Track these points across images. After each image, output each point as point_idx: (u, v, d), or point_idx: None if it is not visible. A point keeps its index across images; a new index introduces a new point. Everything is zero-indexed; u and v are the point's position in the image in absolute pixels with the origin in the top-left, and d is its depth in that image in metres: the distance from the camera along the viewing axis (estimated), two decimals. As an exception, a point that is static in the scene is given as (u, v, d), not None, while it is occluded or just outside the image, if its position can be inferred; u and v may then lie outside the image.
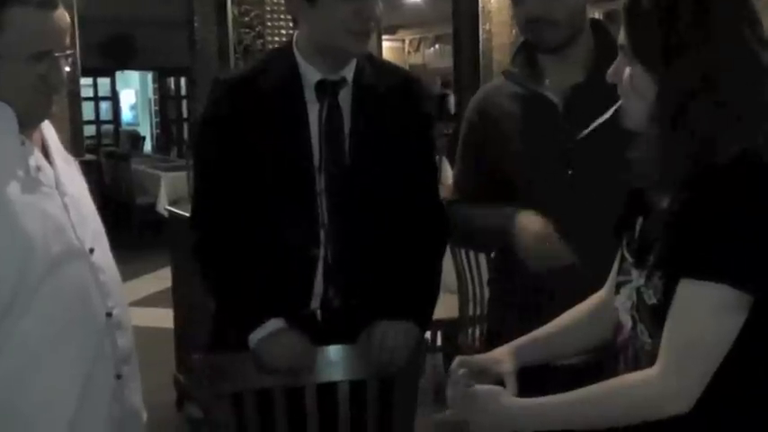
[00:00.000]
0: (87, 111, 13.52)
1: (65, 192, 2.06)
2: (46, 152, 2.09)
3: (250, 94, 2.34)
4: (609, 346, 1.82)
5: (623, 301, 1.72)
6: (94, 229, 2.13)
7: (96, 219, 2.18)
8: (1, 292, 1.90)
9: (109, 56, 15.22)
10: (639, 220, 1.73)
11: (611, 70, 1.69)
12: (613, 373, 1.70)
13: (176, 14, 5.15)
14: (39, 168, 2.01)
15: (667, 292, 1.56)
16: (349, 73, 2.38)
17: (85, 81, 12.98)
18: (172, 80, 17.13)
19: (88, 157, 10.03)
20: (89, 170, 9.71)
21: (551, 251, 2.21)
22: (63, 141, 2.19)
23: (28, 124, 2.03)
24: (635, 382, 1.59)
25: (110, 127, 17.02)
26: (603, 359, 1.89)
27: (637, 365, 1.66)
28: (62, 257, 1.98)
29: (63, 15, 2.01)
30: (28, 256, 1.91)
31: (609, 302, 1.81)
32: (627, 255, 1.74)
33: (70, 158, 2.21)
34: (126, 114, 18.27)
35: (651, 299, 1.62)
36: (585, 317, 1.90)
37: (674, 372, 1.53)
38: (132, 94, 18.61)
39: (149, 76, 17.76)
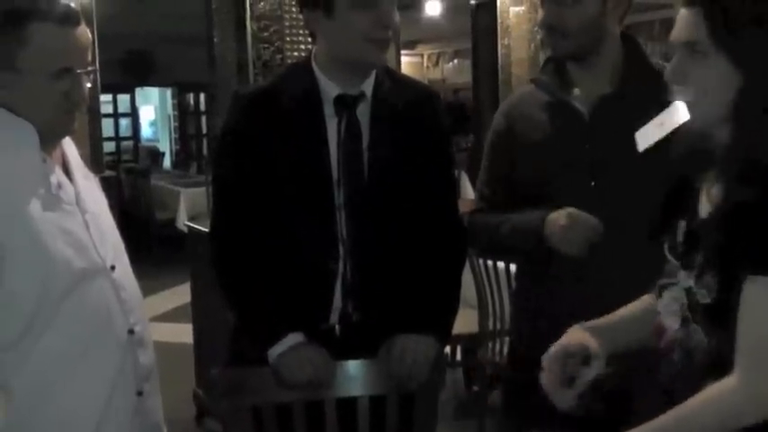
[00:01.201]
0: (107, 127, 13.62)
1: (86, 209, 2.06)
2: (67, 169, 2.10)
3: (269, 109, 2.34)
4: (642, 351, 1.81)
5: (667, 303, 1.71)
6: (115, 246, 2.14)
7: (116, 236, 2.19)
8: (23, 309, 1.91)
9: (128, 72, 15.31)
10: (681, 224, 1.72)
11: (670, 71, 1.66)
12: (648, 381, 1.69)
13: (195, 30, 5.16)
14: (60, 185, 2.02)
15: (722, 291, 1.55)
16: (368, 87, 2.37)
17: (105, 98, 13.08)
18: (191, 96, 17.22)
19: (108, 173, 10.08)
20: (109, 186, 9.77)
21: (583, 229, 2.22)
22: (83, 157, 2.20)
23: (49, 141, 2.04)
24: (719, 394, 1.55)
25: (129, 143, 17.12)
26: (625, 371, 1.88)
27: (689, 367, 1.64)
28: (84, 275, 1.99)
29: (84, 32, 2.01)
30: (49, 274, 1.92)
31: (652, 307, 1.79)
32: (670, 257, 1.74)
33: (90, 175, 2.21)
34: (145, 130, 18.37)
35: (705, 298, 1.61)
36: (639, 313, 1.88)
37: (754, 376, 1.51)
38: (152, 110, 18.71)
39: (168, 91, 17.85)
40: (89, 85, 2.05)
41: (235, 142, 2.39)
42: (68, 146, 2.15)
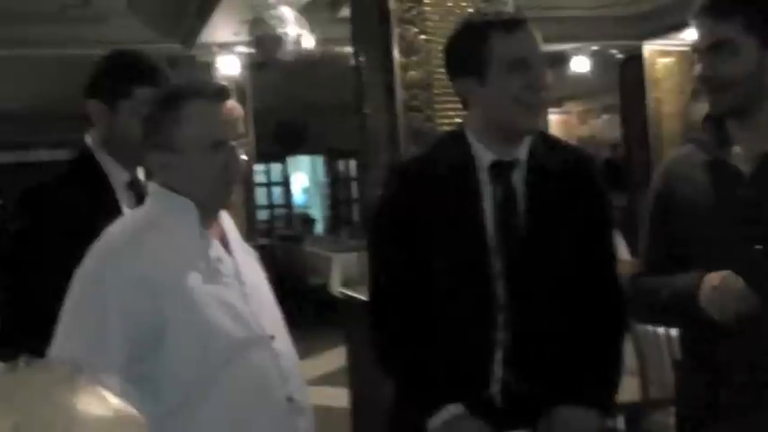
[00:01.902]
0: (260, 195, 13.98)
1: (244, 281, 2.12)
2: (225, 243, 2.15)
3: (425, 178, 2.34)
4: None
5: None
6: (274, 316, 2.19)
7: (275, 306, 2.23)
8: (183, 377, 1.95)
9: (281, 142, 15.75)
10: None
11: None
12: None
13: (346, 100, 5.27)
14: (219, 259, 2.08)
15: None
16: (522, 153, 2.34)
17: (259, 167, 13.44)
18: (342, 162, 17.53)
19: (262, 240, 10.33)
20: (263, 254, 9.97)
21: (732, 296, 2.12)
22: (238, 226, 2.26)
23: (208, 215, 2.10)
24: None
25: (282, 210, 17.52)
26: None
27: None
28: (243, 344, 2.03)
29: (234, 105, 2.10)
30: (209, 344, 1.97)
31: None
32: None
33: (248, 248, 2.27)
34: (298, 197, 18.77)
35: None
36: None
37: None
38: (304, 177, 19.13)
39: (320, 159, 18.24)
40: (244, 156, 2.11)
41: (392, 213, 2.40)
42: (226, 221, 2.21)
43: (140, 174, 2.63)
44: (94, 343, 1.91)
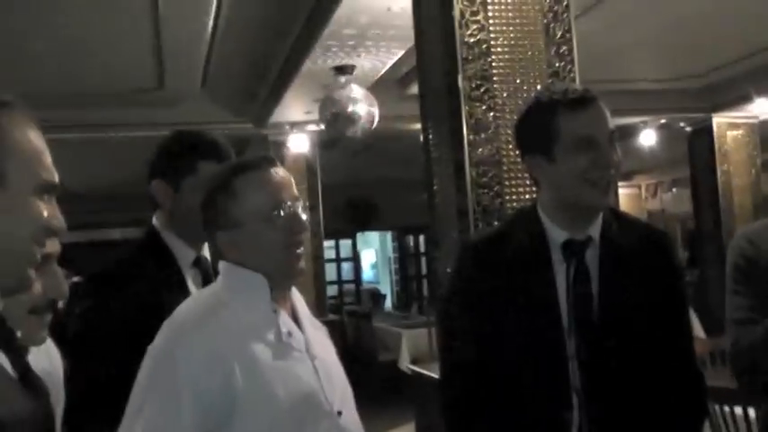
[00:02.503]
0: (330, 271, 14.04)
1: (314, 356, 2.13)
2: (295, 318, 2.18)
3: (497, 256, 2.34)
4: None
5: None
6: (343, 391, 2.18)
7: (345, 382, 2.23)
8: None
9: (350, 218, 15.87)
10: None
11: None
12: None
13: (415, 176, 5.31)
14: (290, 334, 2.10)
15: None
16: (595, 231, 2.33)
17: (328, 243, 13.54)
18: (411, 238, 17.57)
19: (331, 316, 10.35)
20: (332, 329, 9.95)
21: None
22: (307, 302, 2.28)
23: (280, 287, 2.13)
24: None
25: (351, 286, 17.56)
26: None
27: None
28: (311, 420, 2.03)
29: (282, 170, 2.16)
30: (277, 418, 1.98)
31: None
32: None
33: (319, 324, 2.29)
34: (367, 273, 18.83)
35: None
36: None
37: None
38: (372, 253, 19.20)
39: (389, 235, 18.30)
40: (305, 216, 2.14)
41: (464, 290, 2.39)
42: (297, 298, 2.24)
43: (206, 251, 2.66)
44: (166, 421, 1.92)
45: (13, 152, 1.40)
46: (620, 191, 15.52)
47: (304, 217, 2.14)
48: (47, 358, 2.04)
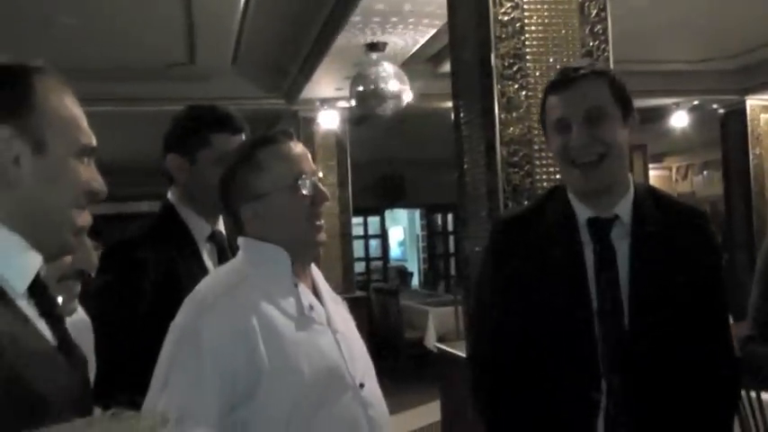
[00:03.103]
0: (358, 248, 14.07)
1: (336, 329, 2.15)
2: (316, 292, 2.19)
3: (527, 235, 2.33)
4: None
5: None
6: (365, 364, 2.19)
7: (365, 355, 2.24)
8: (276, 422, 1.98)
9: (379, 196, 15.88)
10: None
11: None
12: None
13: (445, 155, 5.29)
14: (311, 307, 2.11)
15: None
16: (623, 210, 2.29)
17: (356, 220, 13.56)
18: (439, 216, 17.56)
19: (358, 293, 10.37)
20: (359, 306, 10.03)
21: None
22: (335, 278, 2.30)
23: (301, 260, 2.15)
24: None
25: (379, 263, 17.58)
26: None
27: None
28: (333, 392, 2.05)
29: (299, 144, 2.19)
30: (301, 390, 1.99)
31: None
32: None
33: (338, 298, 2.30)
34: (394, 251, 18.84)
35: None
36: None
37: None
38: (400, 230, 19.21)
39: (417, 213, 18.30)
40: (323, 188, 2.17)
41: (495, 268, 2.39)
42: (316, 272, 2.25)
43: (221, 226, 2.71)
44: (190, 395, 1.94)
45: (51, 118, 1.41)
46: (651, 173, 15.42)
47: (324, 188, 2.17)
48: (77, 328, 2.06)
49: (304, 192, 2.12)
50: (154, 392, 1.97)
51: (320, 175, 2.20)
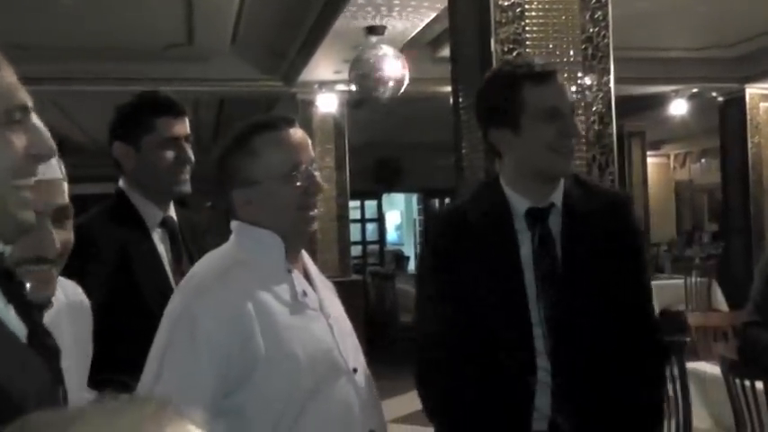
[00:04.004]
0: (354, 232, 14.08)
1: (328, 314, 2.15)
2: (308, 278, 2.19)
3: (462, 226, 2.41)
4: None
5: None
6: (355, 349, 2.20)
7: (355, 339, 2.24)
8: (273, 407, 1.98)
9: (376, 179, 15.89)
10: None
11: None
12: None
13: (442, 139, 5.28)
14: (304, 293, 2.11)
15: None
16: (557, 198, 2.39)
17: (353, 203, 13.56)
18: (437, 201, 17.57)
19: (354, 276, 10.38)
20: (355, 289, 10.06)
21: None
22: (331, 261, 2.31)
23: (293, 246, 2.14)
24: None
25: (375, 247, 17.60)
26: None
27: None
28: (328, 377, 2.06)
29: (300, 131, 2.16)
30: (296, 376, 2.00)
31: None
32: None
33: (328, 283, 2.30)
34: (391, 234, 18.86)
35: None
36: None
37: None
38: (397, 215, 19.23)
39: (414, 197, 18.32)
40: (317, 173, 2.15)
41: (432, 259, 2.47)
42: (306, 257, 2.25)
43: (172, 212, 2.78)
44: (184, 379, 1.94)
45: None
46: (649, 160, 15.42)
47: (319, 179, 2.15)
48: (74, 312, 2.04)
49: (298, 183, 2.09)
50: (148, 376, 1.98)
51: (317, 164, 2.18)
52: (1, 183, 1.23)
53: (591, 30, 3.70)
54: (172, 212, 2.78)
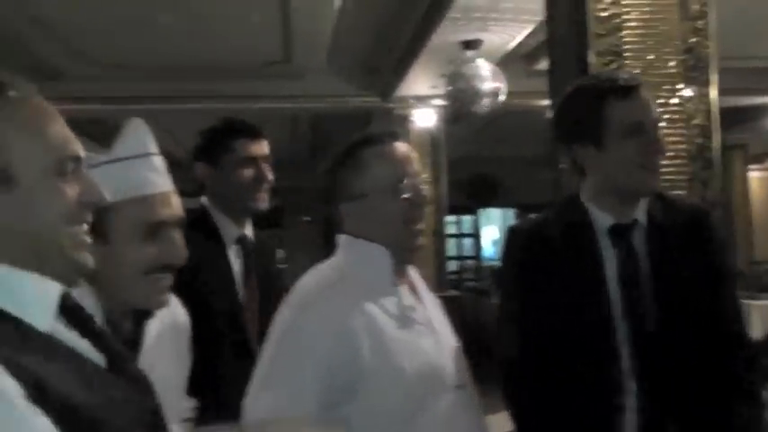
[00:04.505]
0: (451, 247, 14.05)
1: (435, 329, 2.14)
2: (415, 293, 2.18)
3: (544, 243, 2.34)
4: None
5: None
6: (461, 365, 2.18)
7: (461, 355, 2.23)
8: (376, 426, 1.97)
9: (473, 194, 15.84)
10: None
11: None
12: None
13: (539, 153, 5.23)
14: (412, 307, 2.11)
15: None
16: (640, 214, 2.32)
17: (450, 218, 13.53)
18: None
19: (451, 292, 10.34)
20: (451, 305, 9.95)
21: None
22: (427, 276, 2.29)
23: (400, 260, 2.14)
24: None
25: (472, 262, 17.53)
26: None
27: None
28: (435, 392, 2.04)
29: (404, 145, 2.17)
30: (403, 392, 1.99)
31: None
32: None
33: (435, 299, 2.30)
34: (487, 250, 18.77)
35: None
36: None
37: None
38: (494, 230, 19.13)
39: (511, 212, 18.20)
40: (425, 187, 2.16)
41: (514, 277, 2.41)
42: (414, 274, 2.24)
43: (248, 230, 2.98)
44: (290, 391, 1.95)
45: (13, 145, 1.30)
46: (751, 174, 15.02)
47: (425, 191, 2.15)
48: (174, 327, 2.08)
49: (405, 195, 2.10)
50: (255, 389, 2.00)
51: (424, 177, 2.19)
52: (55, 229, 1.31)
53: (692, 40, 3.61)
54: (248, 231, 2.98)
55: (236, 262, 2.91)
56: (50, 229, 1.31)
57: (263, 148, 2.97)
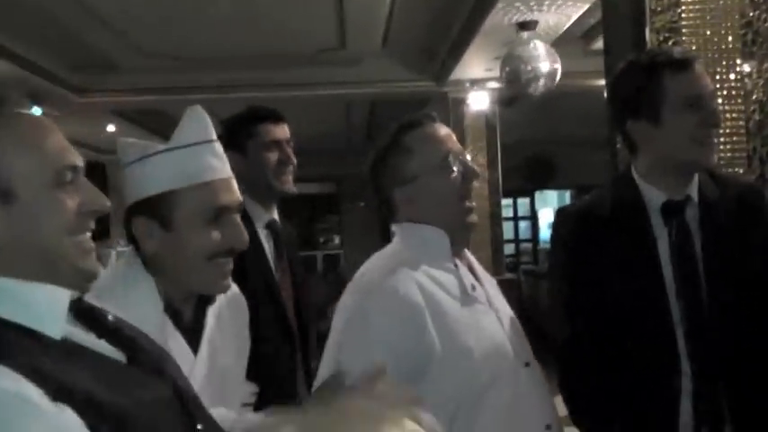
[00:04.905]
0: (507, 230, 13.99)
1: (497, 308, 2.16)
2: (474, 273, 2.20)
3: (595, 224, 2.33)
4: None
5: None
6: (525, 343, 2.20)
7: (523, 334, 2.24)
8: (446, 406, 1.98)
9: (529, 177, 15.74)
10: None
11: None
12: None
13: (596, 134, 5.18)
14: (473, 287, 2.13)
15: None
16: (693, 191, 2.29)
17: (506, 201, 13.47)
18: (590, 198, 17.27)
19: (508, 275, 10.31)
20: (508, 288, 9.96)
21: None
22: (484, 260, 2.30)
23: (457, 240, 2.17)
24: None
25: (528, 245, 17.44)
26: None
27: None
28: (502, 370, 2.06)
29: (442, 125, 2.22)
30: (469, 370, 2.01)
31: None
32: None
33: (492, 279, 2.32)
34: (544, 233, 18.64)
35: None
36: None
37: None
38: (550, 212, 18.99)
39: (567, 194, 18.06)
40: (472, 163, 2.21)
41: (565, 259, 2.39)
42: (470, 255, 2.27)
43: (275, 215, 3.11)
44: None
45: (12, 161, 1.32)
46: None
47: (472, 164, 2.20)
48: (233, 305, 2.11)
49: (453, 170, 2.13)
50: (323, 372, 2.03)
51: (467, 155, 2.21)
52: (59, 240, 1.34)
53: (751, 14, 3.55)
54: (275, 216, 3.11)
55: (266, 244, 3.03)
56: (54, 240, 1.33)
57: (285, 131, 3.11)
